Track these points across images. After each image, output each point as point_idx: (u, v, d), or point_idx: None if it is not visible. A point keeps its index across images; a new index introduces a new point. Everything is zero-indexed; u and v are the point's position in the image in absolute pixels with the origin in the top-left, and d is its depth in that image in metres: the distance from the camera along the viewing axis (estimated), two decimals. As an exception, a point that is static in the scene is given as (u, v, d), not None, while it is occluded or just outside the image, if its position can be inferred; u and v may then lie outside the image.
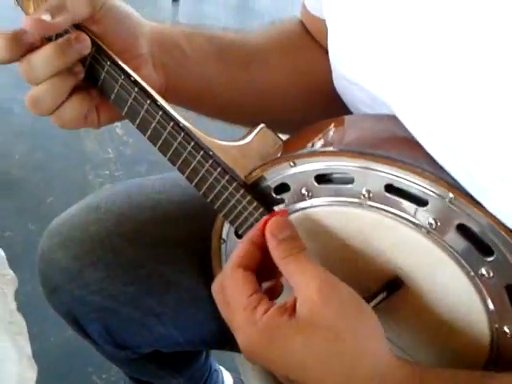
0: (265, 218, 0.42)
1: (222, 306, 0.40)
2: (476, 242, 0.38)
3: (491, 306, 0.39)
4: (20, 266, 0.55)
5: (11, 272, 0.46)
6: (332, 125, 0.47)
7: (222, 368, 0.92)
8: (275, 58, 0.57)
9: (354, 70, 0.47)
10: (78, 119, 0.45)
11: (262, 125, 0.47)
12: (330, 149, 0.42)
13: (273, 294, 0.42)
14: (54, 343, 1.02)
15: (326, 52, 0.55)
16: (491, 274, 0.38)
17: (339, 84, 0.53)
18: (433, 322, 0.42)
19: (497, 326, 0.40)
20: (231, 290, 0.39)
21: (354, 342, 0.36)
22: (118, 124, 1.57)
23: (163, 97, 0.45)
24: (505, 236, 0.37)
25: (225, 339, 0.57)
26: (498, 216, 0.37)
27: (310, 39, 0.59)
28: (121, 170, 1.45)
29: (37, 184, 0.79)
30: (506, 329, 0.40)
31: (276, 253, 0.40)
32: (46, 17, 0.41)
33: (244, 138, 0.47)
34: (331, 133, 0.45)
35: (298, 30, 0.60)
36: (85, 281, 0.53)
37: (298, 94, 0.57)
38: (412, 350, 0.45)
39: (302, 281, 0.38)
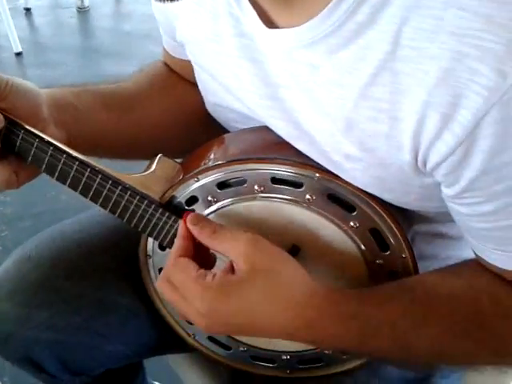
0: (183, 217, 0.52)
1: (171, 294, 0.50)
2: (342, 204, 0.52)
3: (363, 247, 0.54)
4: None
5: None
6: (217, 143, 0.59)
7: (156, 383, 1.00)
8: (152, 99, 0.67)
9: (223, 98, 0.59)
10: (5, 182, 0.52)
11: (159, 155, 0.58)
12: (222, 161, 0.53)
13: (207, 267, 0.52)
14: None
15: (193, 84, 0.67)
16: (357, 224, 0.52)
17: (212, 109, 0.65)
18: (327, 271, 0.56)
19: (371, 261, 0.54)
20: (178, 274, 0.49)
21: (287, 271, 0.48)
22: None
23: None
24: (361, 195, 0.51)
25: (165, 342, 0.67)
26: (354, 182, 0.51)
27: (176, 76, 0.71)
28: (6, 230, 1.45)
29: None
30: (377, 261, 0.54)
31: (202, 236, 0.50)
32: None
33: (148, 168, 0.57)
34: (218, 149, 0.58)
35: (164, 71, 0.71)
36: (35, 322, 0.59)
37: (179, 125, 0.68)
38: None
39: (231, 244, 0.49)
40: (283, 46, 0.49)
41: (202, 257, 0.51)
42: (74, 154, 0.53)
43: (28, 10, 2.59)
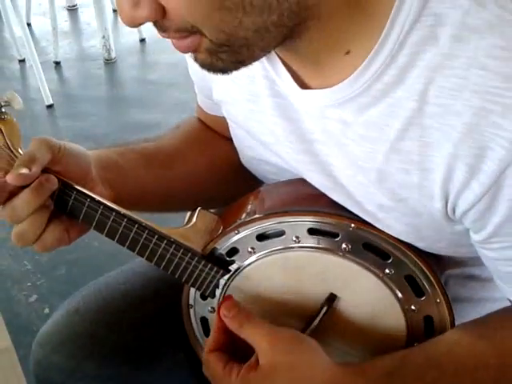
0: (218, 307, 0.57)
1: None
2: (377, 252, 0.54)
3: (399, 294, 0.56)
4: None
5: None
6: (253, 196, 0.62)
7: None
8: (190, 154, 0.71)
9: (259, 152, 0.63)
10: (57, 241, 0.56)
11: (199, 208, 0.61)
12: (261, 214, 0.56)
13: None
14: None
15: (227, 139, 0.70)
16: (393, 271, 0.54)
17: (247, 162, 0.68)
18: (363, 319, 0.58)
19: (406, 307, 0.56)
20: (210, 370, 0.55)
21: (304, 367, 0.51)
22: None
23: None
24: (395, 244, 0.54)
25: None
26: (388, 231, 0.53)
27: (211, 132, 0.75)
28: (42, 278, 1.49)
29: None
30: (412, 307, 0.56)
31: (233, 326, 0.55)
32: (25, 170, 0.52)
33: (189, 221, 0.60)
34: (256, 202, 0.61)
35: (199, 127, 0.75)
36: (83, 373, 0.62)
37: (216, 178, 0.72)
38: (350, 349, 0.60)
39: (255, 338, 0.53)
40: (316, 105, 0.52)
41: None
42: (123, 211, 0.57)
43: (58, 63, 2.70)
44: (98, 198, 0.56)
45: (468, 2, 0.43)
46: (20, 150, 0.57)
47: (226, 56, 0.46)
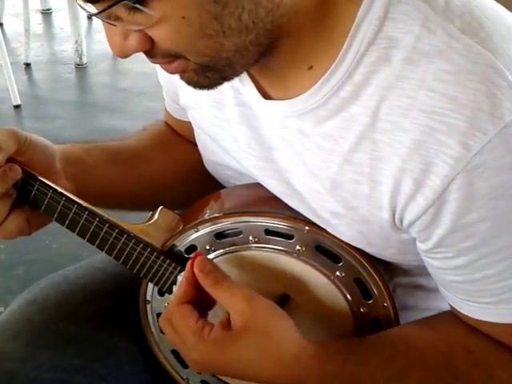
0: (190, 260, 0.56)
1: (171, 334, 0.55)
2: (329, 255, 0.57)
3: (349, 296, 0.58)
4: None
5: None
6: (214, 198, 0.64)
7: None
8: (155, 155, 0.73)
9: (221, 157, 0.65)
10: (18, 230, 0.57)
11: (161, 206, 0.63)
12: (221, 214, 0.59)
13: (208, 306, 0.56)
14: None
15: (192, 143, 0.72)
16: (343, 274, 0.57)
17: (210, 166, 0.70)
18: (315, 319, 0.60)
19: (355, 309, 0.59)
20: (179, 321, 0.53)
21: (276, 336, 0.52)
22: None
23: None
24: (346, 248, 0.56)
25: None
26: (340, 236, 0.56)
27: (177, 136, 0.77)
28: (-1, 276, 1.47)
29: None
30: (361, 309, 0.59)
31: (206, 282, 0.54)
32: None
33: (151, 218, 0.62)
34: (216, 203, 0.63)
35: (166, 130, 0.77)
36: (38, 362, 0.62)
37: (179, 180, 0.73)
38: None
39: (232, 298, 0.53)
40: (277, 115, 0.55)
41: (205, 297, 0.55)
42: (84, 204, 0.58)
43: (28, 64, 2.68)
44: (60, 189, 0.58)
45: (419, 29, 0.46)
46: (-15, 140, 0.58)
47: (211, 74, 0.49)
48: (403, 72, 0.47)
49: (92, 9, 0.44)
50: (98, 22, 3.09)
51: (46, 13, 3.24)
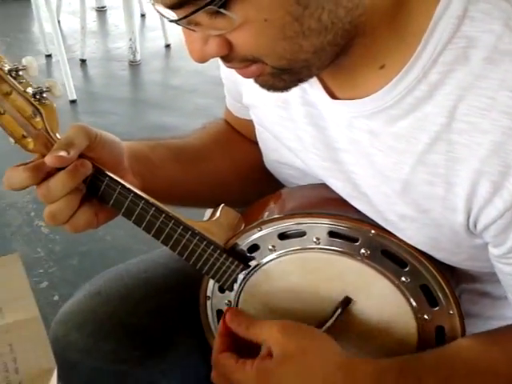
0: (222, 316, 0.60)
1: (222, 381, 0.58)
2: (395, 259, 0.56)
3: (413, 303, 0.57)
4: None
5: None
6: (275, 197, 0.64)
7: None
8: (216, 153, 0.73)
9: (284, 156, 0.65)
10: (87, 223, 0.58)
11: (222, 204, 0.63)
12: (285, 214, 0.58)
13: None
14: None
15: (252, 142, 0.72)
16: (409, 280, 0.56)
17: (271, 165, 0.70)
18: (376, 324, 0.59)
19: (419, 315, 0.57)
20: (222, 368, 0.57)
21: (317, 352, 0.53)
22: (42, 224, 1.65)
23: None
24: (413, 253, 0.55)
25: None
26: (407, 241, 0.55)
27: (237, 134, 0.77)
28: (54, 266, 1.52)
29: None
30: (425, 316, 0.57)
31: (240, 329, 0.58)
32: (64, 153, 0.54)
33: (212, 215, 0.62)
34: (278, 203, 0.63)
35: (226, 129, 0.78)
36: (100, 353, 0.63)
37: (238, 178, 0.73)
38: (362, 351, 0.61)
39: (266, 333, 0.55)
40: (345, 115, 0.54)
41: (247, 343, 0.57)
42: (151, 200, 0.59)
43: (83, 61, 2.75)
44: (128, 185, 0.59)
45: (501, 28, 0.45)
46: (57, 135, 0.59)
47: (287, 77, 0.49)
48: (483, 71, 0.45)
49: (172, 15, 0.44)
50: (151, 20, 3.15)
51: (101, 10, 3.32)
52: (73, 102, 2.37)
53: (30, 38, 3.08)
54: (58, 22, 3.02)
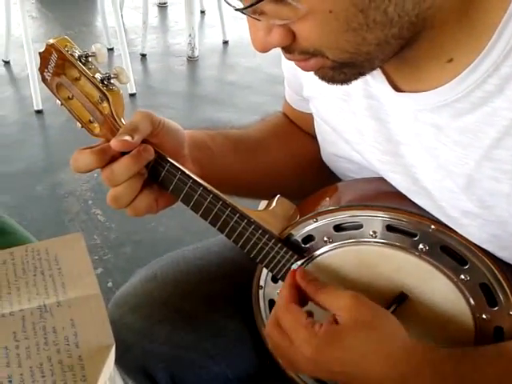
0: (291, 270, 0.58)
1: (279, 338, 0.55)
2: (454, 256, 0.55)
3: (472, 302, 0.55)
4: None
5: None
6: (332, 190, 0.64)
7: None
8: (273, 145, 0.74)
9: (342, 149, 0.65)
10: (147, 207, 0.60)
11: (278, 195, 0.63)
12: (342, 205, 0.58)
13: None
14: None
15: (310, 135, 0.72)
16: (468, 278, 0.54)
17: (328, 158, 0.70)
18: (433, 321, 0.58)
19: (478, 315, 0.56)
20: (290, 319, 0.54)
21: (386, 330, 0.52)
22: (99, 212, 1.70)
23: None
24: (475, 251, 0.54)
25: (265, 371, 0.70)
26: (469, 238, 0.54)
27: (295, 127, 0.77)
28: (109, 253, 1.56)
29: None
30: (484, 316, 0.56)
31: (309, 288, 0.56)
32: (129, 138, 0.56)
33: (268, 205, 0.63)
34: (335, 195, 0.62)
35: (284, 121, 0.78)
36: (154, 336, 0.65)
37: (295, 171, 0.74)
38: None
39: (336, 298, 0.53)
40: (409, 108, 0.53)
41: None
42: (209, 187, 0.60)
43: (144, 55, 2.82)
44: (188, 172, 0.60)
45: None
46: (122, 120, 0.61)
47: (347, 70, 0.49)
48: None
49: (238, 3, 0.44)
50: (210, 17, 3.19)
51: (163, 6, 3.39)
52: (132, 95, 2.43)
53: (93, 31, 3.17)
54: (121, 16, 3.12)
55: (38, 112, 2.25)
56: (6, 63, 2.68)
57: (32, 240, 0.58)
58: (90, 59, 0.62)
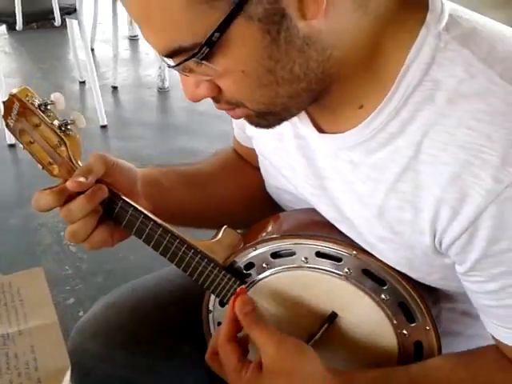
0: (232, 298, 0.63)
1: (217, 368, 0.62)
2: (374, 278, 0.62)
3: (393, 319, 0.62)
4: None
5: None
6: (273, 220, 0.71)
7: None
8: (222, 180, 0.80)
9: (280, 182, 0.72)
10: (103, 242, 0.66)
11: (225, 226, 0.70)
12: (277, 235, 0.65)
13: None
14: None
15: (257, 169, 0.79)
16: (388, 297, 0.62)
17: (271, 191, 0.77)
18: (360, 338, 0.64)
19: (399, 331, 0.63)
20: (223, 358, 0.61)
21: (302, 373, 0.58)
22: (70, 243, 1.74)
23: None
24: (391, 272, 0.61)
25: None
26: (386, 261, 0.61)
27: (243, 161, 0.84)
28: (80, 283, 1.61)
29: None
30: (404, 331, 0.63)
31: (244, 323, 0.62)
32: (83, 179, 0.62)
33: (215, 236, 0.69)
34: (274, 225, 0.69)
35: (234, 156, 0.85)
36: (113, 361, 0.70)
37: (243, 202, 0.80)
38: (347, 363, 0.66)
39: (263, 341, 0.59)
40: (330, 147, 0.61)
41: None
42: (159, 221, 0.66)
43: (115, 87, 2.89)
44: (140, 208, 0.66)
45: (462, 74, 0.51)
46: (80, 162, 0.67)
47: (270, 117, 0.57)
48: (445, 111, 0.51)
49: (171, 62, 0.52)
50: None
51: (134, 39, 3.47)
52: (103, 127, 2.49)
53: (65, 65, 3.24)
54: (92, 50, 3.19)
55: (11, 146, 2.30)
56: (-21, 98, 2.73)
57: (-4, 275, 0.64)
58: (49, 107, 0.69)
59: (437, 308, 0.65)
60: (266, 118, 0.56)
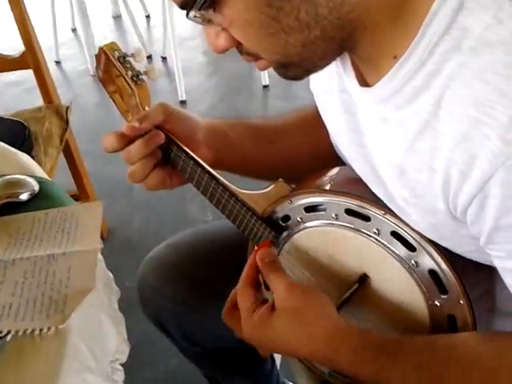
0: (255, 249, 0.63)
1: (233, 324, 0.63)
2: (404, 242, 0.57)
3: (423, 288, 0.57)
4: (136, 309, 0.82)
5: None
6: (317, 174, 0.69)
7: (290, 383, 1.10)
8: (291, 135, 0.79)
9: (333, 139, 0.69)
10: (159, 183, 0.70)
11: (280, 179, 0.69)
12: (310, 189, 0.63)
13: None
14: (163, 370, 1.28)
15: None
16: (418, 264, 0.56)
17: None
18: (390, 303, 0.60)
19: (430, 302, 0.57)
20: (239, 300, 0.61)
21: (309, 314, 0.57)
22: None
23: (212, 167, 0.69)
24: (419, 238, 0.56)
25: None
26: (415, 227, 0.56)
27: (320, 121, 0.82)
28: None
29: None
30: (436, 302, 0.57)
31: (263, 271, 0.62)
32: (136, 124, 0.67)
33: (266, 188, 0.70)
34: (316, 179, 0.68)
35: (310, 112, 0.83)
36: (166, 294, 0.77)
37: (309, 159, 0.79)
38: (378, 326, 0.62)
39: (277, 286, 0.59)
40: (368, 101, 0.57)
41: None
42: (207, 168, 0.69)
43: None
44: (192, 154, 0.69)
45: (491, 19, 0.44)
46: (147, 109, 0.73)
47: (292, 68, 0.54)
48: (468, 61, 0.45)
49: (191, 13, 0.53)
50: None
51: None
52: (265, 86, 2.57)
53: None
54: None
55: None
56: None
57: (67, 204, 0.73)
58: (128, 59, 0.75)
59: (485, 285, 0.58)
60: (290, 69, 0.54)
